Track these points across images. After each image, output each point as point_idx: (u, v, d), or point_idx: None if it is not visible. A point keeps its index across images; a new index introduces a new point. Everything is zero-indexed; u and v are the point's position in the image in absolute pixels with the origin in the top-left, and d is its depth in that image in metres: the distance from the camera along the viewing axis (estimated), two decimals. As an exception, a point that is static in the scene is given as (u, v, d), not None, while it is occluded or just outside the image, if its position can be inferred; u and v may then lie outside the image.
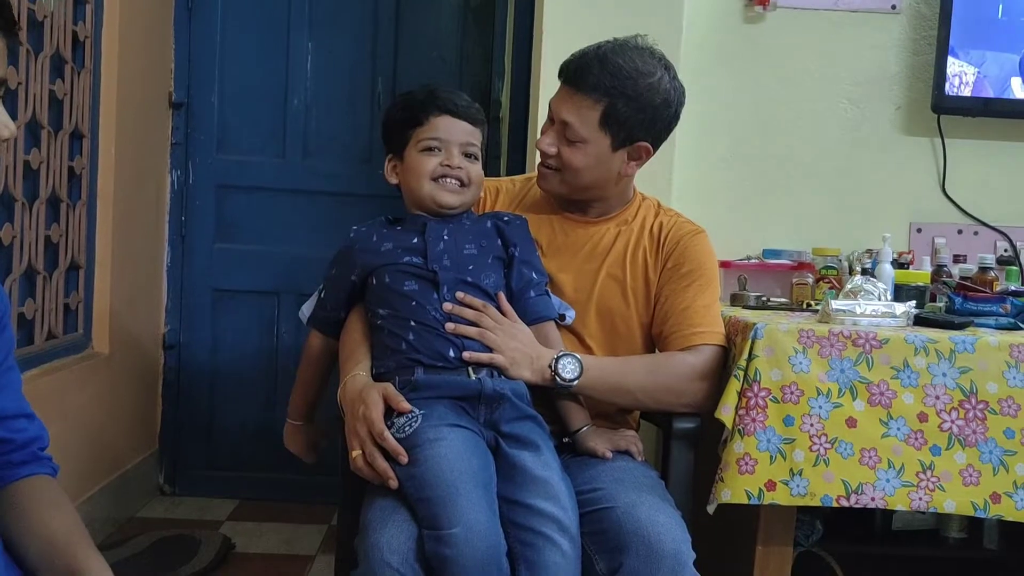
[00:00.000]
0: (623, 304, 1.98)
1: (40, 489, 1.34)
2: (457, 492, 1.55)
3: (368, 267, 1.84)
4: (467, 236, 1.86)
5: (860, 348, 1.91)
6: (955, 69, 2.70)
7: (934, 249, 2.70)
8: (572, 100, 1.89)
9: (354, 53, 3.51)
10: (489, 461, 1.66)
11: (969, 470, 1.90)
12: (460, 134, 1.85)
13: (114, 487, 3.11)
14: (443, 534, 1.52)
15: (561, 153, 1.92)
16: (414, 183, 1.85)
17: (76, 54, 2.83)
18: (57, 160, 2.73)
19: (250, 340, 3.55)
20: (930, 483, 1.90)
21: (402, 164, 1.87)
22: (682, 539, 1.64)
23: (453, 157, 1.84)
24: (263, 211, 3.51)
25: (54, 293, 2.76)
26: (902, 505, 1.91)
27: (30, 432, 1.37)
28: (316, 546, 3.13)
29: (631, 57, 1.88)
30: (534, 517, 1.60)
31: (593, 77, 1.86)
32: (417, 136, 1.84)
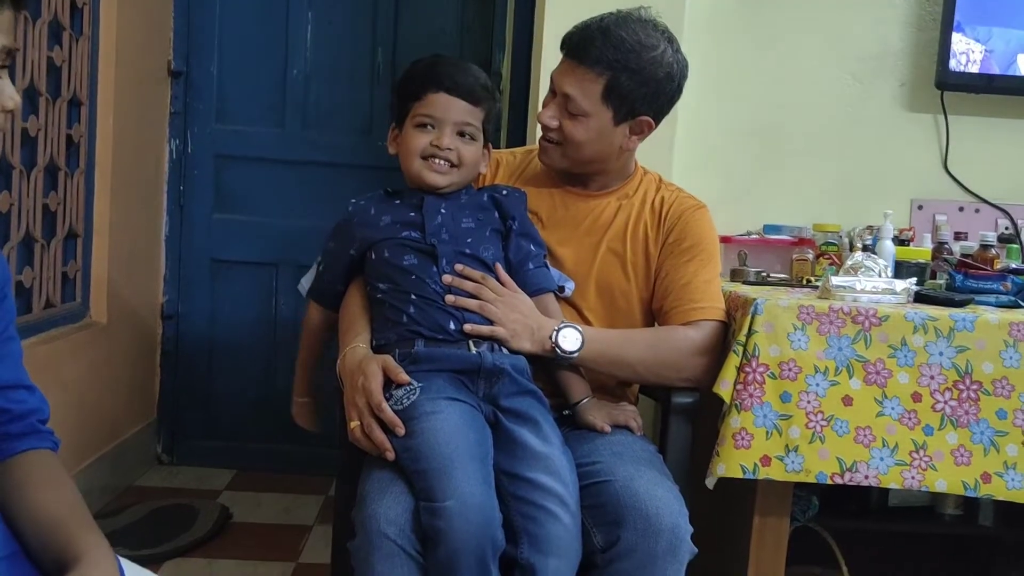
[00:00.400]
0: (623, 278, 1.98)
1: (39, 465, 1.33)
2: (452, 465, 1.55)
3: (367, 241, 1.83)
4: (464, 210, 1.85)
5: (859, 325, 1.90)
6: (961, 46, 2.68)
7: (935, 226, 2.69)
8: (574, 73, 1.87)
9: (354, 23, 3.48)
10: (486, 435, 1.66)
11: (960, 450, 1.91)
12: (456, 113, 1.81)
13: (112, 456, 3.12)
14: (437, 506, 1.52)
15: (563, 126, 1.90)
16: (404, 159, 1.84)
17: (74, 21, 2.81)
18: (55, 128, 2.72)
19: (248, 311, 3.55)
20: (922, 462, 1.90)
21: (402, 136, 1.85)
22: (679, 513, 1.64)
23: (444, 137, 1.80)
24: (262, 182, 3.50)
25: (52, 261, 2.76)
26: (895, 483, 1.91)
27: (29, 404, 1.36)
28: (313, 516, 3.14)
29: (634, 30, 1.86)
30: (535, 491, 1.60)
31: (596, 50, 1.84)
32: (414, 110, 1.82)
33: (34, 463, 1.32)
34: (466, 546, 1.51)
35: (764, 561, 2.02)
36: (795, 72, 2.79)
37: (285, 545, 2.90)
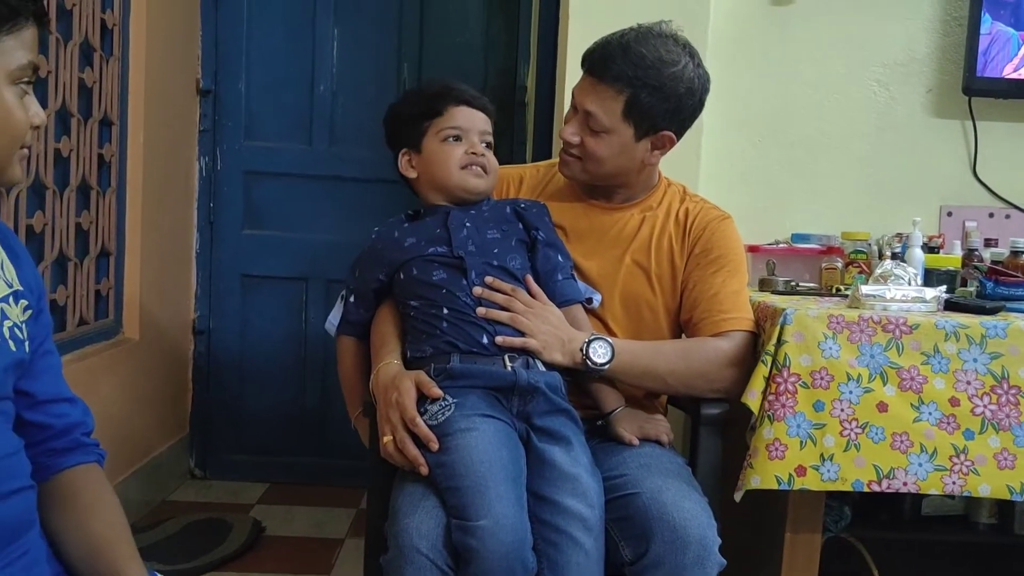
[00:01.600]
0: (649, 290, 1.98)
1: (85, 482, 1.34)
2: (486, 484, 1.56)
3: (395, 263, 1.84)
4: (488, 222, 1.86)
5: (890, 334, 1.90)
6: (987, 50, 2.67)
7: (965, 233, 2.67)
8: (595, 90, 1.88)
9: (380, 39, 3.51)
10: (520, 454, 1.66)
11: (1004, 454, 1.88)
12: (479, 123, 1.88)
13: (146, 471, 3.15)
14: (470, 525, 1.52)
15: (584, 142, 1.91)
16: (441, 173, 1.86)
17: (104, 42, 2.85)
18: (87, 148, 2.76)
19: (278, 325, 3.58)
20: (963, 467, 1.88)
21: (419, 156, 1.88)
22: (708, 525, 1.63)
23: (476, 145, 1.86)
24: (290, 197, 3.53)
25: (85, 280, 2.79)
26: (935, 489, 1.89)
27: (72, 417, 1.38)
28: (345, 529, 3.16)
29: (654, 46, 1.86)
30: (559, 515, 1.60)
31: (616, 67, 1.84)
32: (437, 126, 1.86)
33: (80, 481, 1.34)
34: (498, 566, 1.51)
35: (796, 572, 2.01)
36: (821, 80, 2.78)
37: (318, 559, 2.91)
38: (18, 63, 1.20)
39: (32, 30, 1.22)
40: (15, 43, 1.19)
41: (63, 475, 1.33)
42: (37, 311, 1.34)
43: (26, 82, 1.23)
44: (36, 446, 1.32)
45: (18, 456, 1.26)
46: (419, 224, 1.87)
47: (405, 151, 1.91)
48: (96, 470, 1.37)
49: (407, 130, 1.90)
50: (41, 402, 1.33)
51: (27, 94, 1.23)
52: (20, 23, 1.20)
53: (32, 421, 1.32)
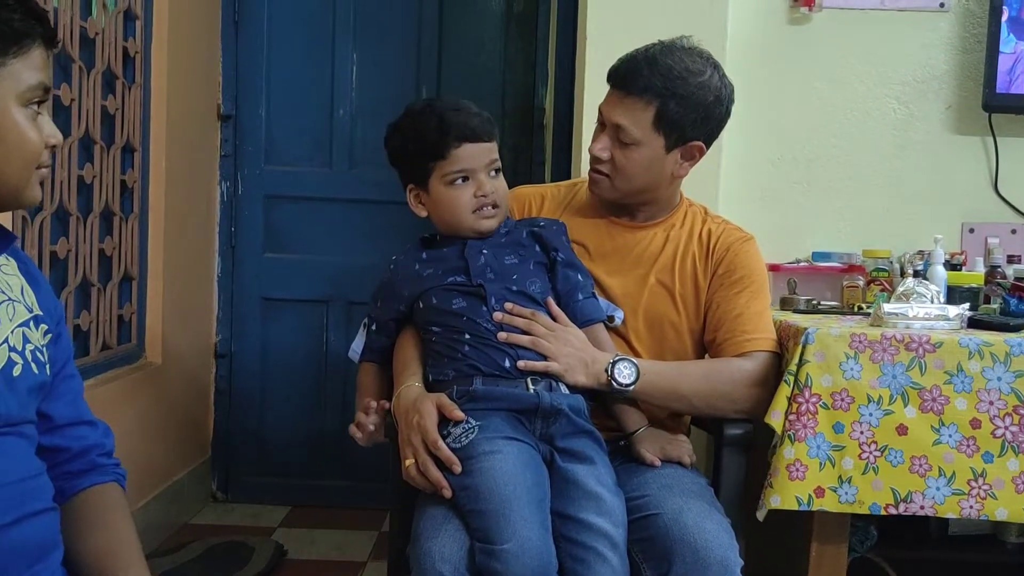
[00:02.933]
0: (672, 310, 1.98)
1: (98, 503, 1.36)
2: (511, 507, 1.55)
3: (413, 295, 1.84)
4: (505, 248, 1.85)
5: (913, 352, 1.88)
6: (1007, 66, 2.66)
7: (987, 249, 2.65)
8: (623, 103, 1.88)
9: (398, 62, 3.53)
10: (544, 477, 1.66)
11: (1023, 477, 1.87)
12: (483, 157, 1.81)
13: (168, 494, 3.16)
14: (495, 549, 1.52)
15: (614, 157, 1.91)
16: (450, 217, 1.83)
17: (127, 69, 2.88)
18: (110, 174, 2.78)
19: (300, 348, 3.59)
20: (981, 491, 1.87)
21: (428, 196, 1.84)
22: (729, 546, 1.62)
23: (484, 184, 1.81)
24: (311, 220, 3.55)
25: (108, 305, 2.81)
26: (952, 513, 1.88)
27: (90, 439, 1.39)
28: (367, 552, 3.15)
29: (680, 58, 1.88)
30: (585, 532, 1.60)
31: (643, 79, 1.86)
32: (441, 170, 1.80)
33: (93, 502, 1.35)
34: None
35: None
36: (839, 98, 2.78)
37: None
38: (27, 84, 1.21)
39: (40, 51, 1.23)
40: (23, 65, 1.21)
41: (79, 497, 1.34)
42: (56, 335, 1.36)
43: (38, 102, 1.24)
44: (53, 469, 1.34)
45: (42, 478, 1.28)
46: (436, 253, 1.86)
47: (413, 188, 1.87)
48: (113, 489, 1.38)
49: (412, 167, 1.85)
50: (59, 426, 1.35)
51: (40, 115, 1.25)
52: (27, 45, 1.21)
53: (48, 446, 1.33)
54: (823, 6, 2.73)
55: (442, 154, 1.79)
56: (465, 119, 1.80)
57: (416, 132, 1.81)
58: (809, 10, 2.73)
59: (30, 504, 1.23)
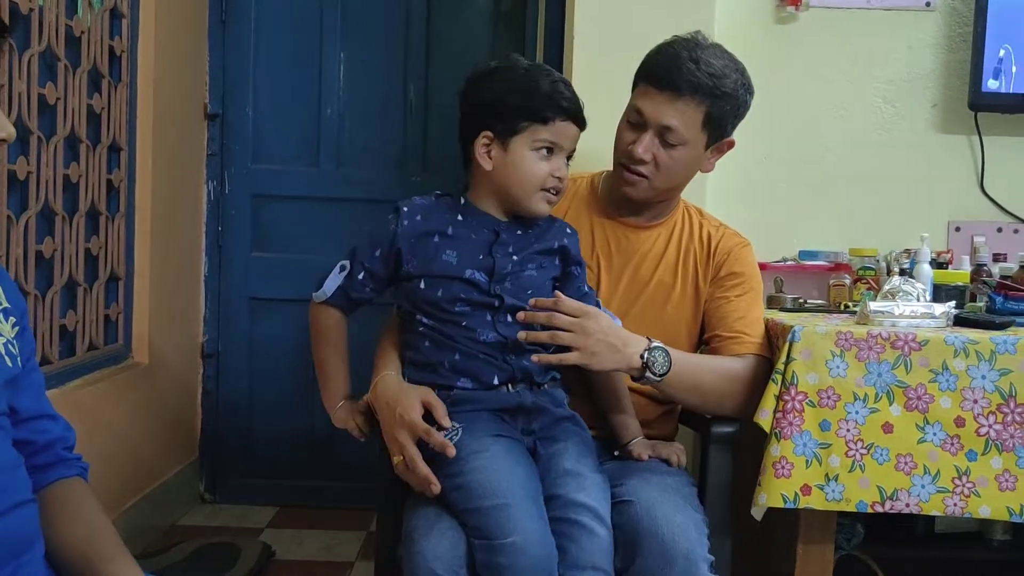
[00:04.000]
0: (673, 310, 2.00)
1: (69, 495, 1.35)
2: (509, 503, 1.56)
3: (424, 271, 1.74)
4: (533, 255, 1.78)
5: (899, 350, 1.89)
6: (992, 65, 2.67)
7: (973, 248, 2.66)
8: (675, 104, 1.87)
9: (386, 61, 3.52)
10: (534, 471, 1.67)
11: (1006, 475, 1.89)
12: (572, 140, 1.76)
13: (155, 495, 3.14)
14: (498, 544, 1.52)
15: (657, 158, 1.90)
16: (517, 185, 1.73)
17: (113, 68, 2.87)
18: (96, 173, 2.77)
19: (287, 348, 3.57)
20: (965, 488, 1.89)
21: (504, 153, 1.73)
22: (696, 541, 1.64)
23: (563, 167, 1.75)
24: (298, 220, 3.54)
25: (94, 304, 2.80)
26: (937, 511, 1.90)
27: (53, 433, 1.38)
28: (355, 552, 3.15)
29: (715, 53, 1.90)
30: (570, 508, 1.61)
31: (694, 79, 1.86)
32: (535, 134, 1.71)
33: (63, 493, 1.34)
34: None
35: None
36: (826, 96, 2.78)
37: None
38: None
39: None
40: None
41: (47, 490, 1.34)
42: (22, 327, 1.35)
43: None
44: None
45: (21, 470, 1.27)
46: (463, 231, 1.76)
47: (488, 136, 1.74)
48: (79, 482, 1.38)
49: (501, 116, 1.72)
50: (25, 419, 1.34)
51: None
52: None
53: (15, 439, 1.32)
54: (809, 5, 2.74)
55: (544, 119, 1.71)
56: (574, 98, 1.75)
57: (526, 87, 1.72)
58: (796, 9, 2.73)
59: (12, 496, 1.22)
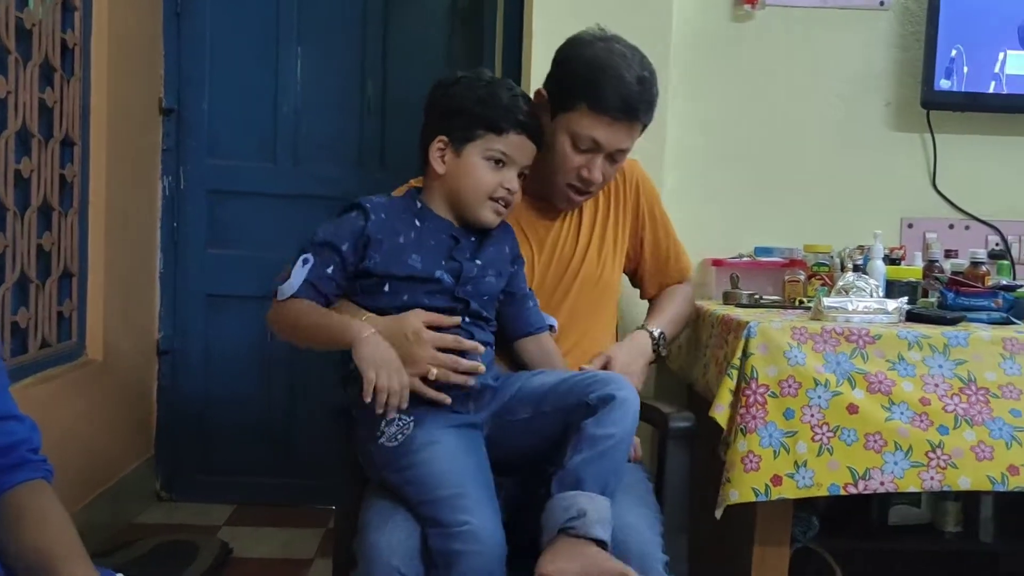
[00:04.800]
0: (608, 271, 2.08)
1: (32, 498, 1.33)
2: (463, 491, 1.57)
3: (387, 274, 1.74)
4: (494, 262, 1.82)
5: (854, 343, 1.92)
6: (944, 63, 2.71)
7: (925, 244, 2.71)
8: (632, 132, 1.93)
9: (343, 57, 3.51)
10: (485, 461, 1.68)
11: (981, 446, 1.88)
12: (527, 155, 1.80)
13: (111, 494, 3.11)
14: (454, 530, 1.53)
15: (606, 176, 1.96)
16: (466, 192, 1.76)
17: (65, 62, 2.83)
18: (48, 168, 2.73)
19: (244, 345, 3.55)
20: (941, 461, 1.87)
21: (456, 158, 1.76)
22: (649, 540, 1.65)
23: (514, 180, 1.78)
24: (255, 216, 3.51)
25: (47, 301, 2.76)
26: (914, 486, 1.88)
27: (19, 434, 1.36)
28: (314, 549, 3.13)
29: (640, 61, 1.93)
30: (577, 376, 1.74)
31: (644, 103, 1.92)
32: (488, 143, 1.75)
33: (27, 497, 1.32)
34: (483, 566, 1.52)
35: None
36: (781, 94, 2.81)
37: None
38: None
39: None
40: None
41: (10, 493, 1.31)
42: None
43: None
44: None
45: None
46: (423, 235, 1.77)
47: (443, 140, 1.78)
48: (43, 486, 1.35)
49: (458, 122, 1.76)
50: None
51: None
52: None
53: None
54: (766, 3, 2.76)
55: (499, 129, 1.75)
56: (534, 115, 1.81)
57: (488, 96, 1.76)
58: (752, 7, 2.76)
59: None
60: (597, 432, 1.61)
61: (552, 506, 1.57)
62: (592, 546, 1.53)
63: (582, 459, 1.59)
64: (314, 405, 3.45)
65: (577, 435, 1.63)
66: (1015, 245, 2.81)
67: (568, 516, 1.54)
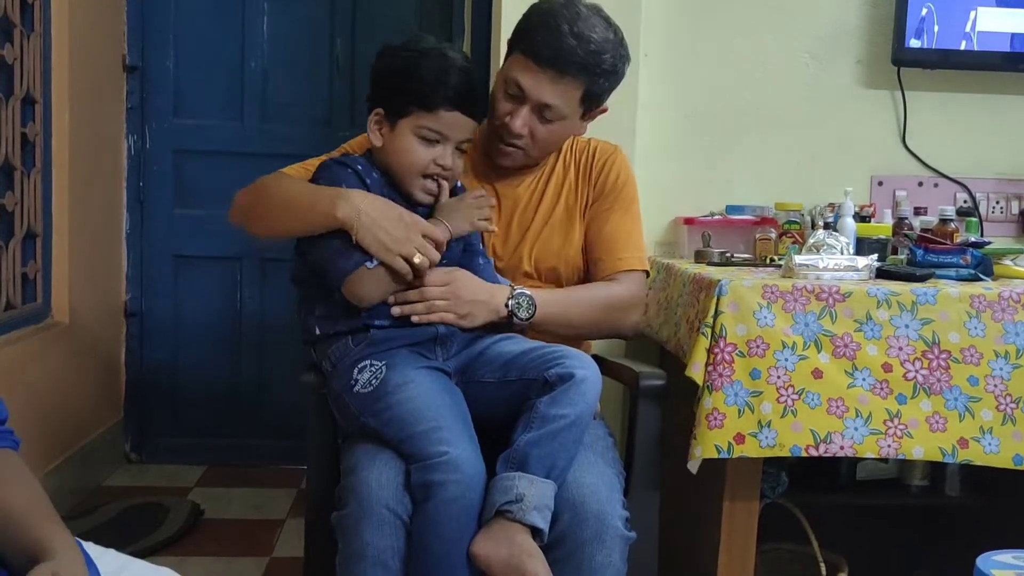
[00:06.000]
0: (564, 241, 2.01)
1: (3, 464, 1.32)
2: (440, 424, 1.59)
3: None
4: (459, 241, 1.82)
5: (823, 302, 1.92)
6: (915, 21, 2.70)
7: (895, 202, 2.72)
8: (556, 85, 1.85)
9: (311, 14, 3.46)
10: (460, 397, 1.70)
11: (935, 417, 1.93)
12: (462, 131, 1.75)
13: (80, 457, 3.09)
14: (433, 461, 1.54)
15: (533, 131, 1.90)
16: (396, 166, 1.75)
17: (25, 17, 2.77)
18: (9, 127, 2.68)
19: (212, 306, 3.53)
20: (897, 430, 1.92)
21: (391, 132, 1.74)
22: (607, 499, 1.65)
23: (447, 156, 1.74)
24: (222, 175, 3.46)
25: (11, 263, 2.72)
26: (871, 452, 1.92)
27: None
28: (286, 510, 3.13)
29: (593, 25, 1.86)
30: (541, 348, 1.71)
31: (577, 59, 1.83)
32: (418, 119, 1.71)
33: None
34: (461, 496, 1.54)
35: (735, 540, 2.03)
36: (752, 52, 2.79)
37: (258, 540, 2.89)
38: None
39: None
40: None
41: None
42: None
43: None
44: None
45: None
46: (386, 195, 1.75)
47: (379, 112, 1.75)
48: (11, 454, 1.34)
49: (392, 96, 1.73)
50: None
51: None
52: None
53: None
54: (737, -40, 2.74)
55: (429, 106, 1.71)
56: (467, 86, 1.74)
57: (417, 70, 1.71)
58: (724, -37, 2.73)
59: None
60: (550, 412, 1.61)
61: (494, 485, 1.57)
62: (525, 534, 1.54)
63: (529, 439, 1.60)
64: (284, 364, 3.43)
65: (529, 412, 1.63)
66: (983, 202, 2.83)
67: (506, 499, 1.54)
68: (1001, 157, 2.85)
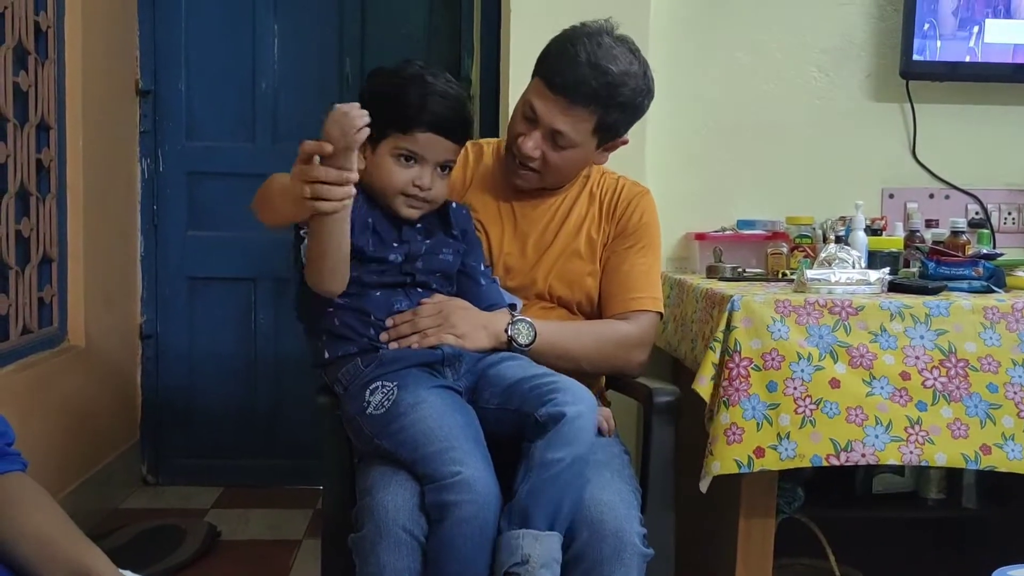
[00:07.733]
0: (580, 268, 2.02)
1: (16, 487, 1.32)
2: (453, 444, 1.59)
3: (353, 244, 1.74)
4: (446, 240, 1.85)
5: (836, 315, 1.92)
6: (923, 34, 2.70)
7: (906, 214, 2.72)
8: (568, 113, 1.87)
9: (321, 33, 3.48)
10: (473, 417, 1.70)
11: (957, 424, 1.92)
12: (441, 152, 1.78)
13: (97, 479, 3.10)
14: (448, 481, 1.55)
15: (546, 156, 1.92)
16: (378, 186, 1.78)
17: (39, 44, 2.79)
18: (24, 153, 2.70)
19: (228, 327, 3.54)
20: (919, 437, 1.91)
21: (372, 154, 1.78)
22: (625, 517, 1.65)
23: (425, 176, 1.77)
24: (235, 197, 3.47)
25: (27, 287, 2.74)
26: (894, 459, 1.91)
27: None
28: (302, 530, 3.14)
29: (615, 57, 1.86)
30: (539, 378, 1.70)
31: (589, 89, 1.85)
32: (396, 141, 1.75)
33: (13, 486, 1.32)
34: (475, 516, 1.54)
35: (752, 555, 2.03)
36: (761, 67, 2.80)
37: (275, 561, 2.89)
38: None
39: None
40: None
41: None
42: None
43: None
44: None
45: None
46: (376, 215, 1.79)
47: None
48: (25, 478, 1.35)
49: (374, 120, 1.69)
50: None
51: None
52: None
53: None
54: (745, -26, 2.75)
55: (404, 128, 1.75)
56: (446, 111, 1.76)
57: (396, 96, 1.75)
58: (731, -20, 2.75)
59: None
60: (546, 456, 1.60)
61: (500, 545, 1.57)
62: None
63: (530, 488, 1.58)
64: (299, 383, 3.44)
65: (527, 460, 1.62)
66: (994, 213, 2.83)
67: (513, 561, 1.53)
68: (1012, 168, 2.85)
